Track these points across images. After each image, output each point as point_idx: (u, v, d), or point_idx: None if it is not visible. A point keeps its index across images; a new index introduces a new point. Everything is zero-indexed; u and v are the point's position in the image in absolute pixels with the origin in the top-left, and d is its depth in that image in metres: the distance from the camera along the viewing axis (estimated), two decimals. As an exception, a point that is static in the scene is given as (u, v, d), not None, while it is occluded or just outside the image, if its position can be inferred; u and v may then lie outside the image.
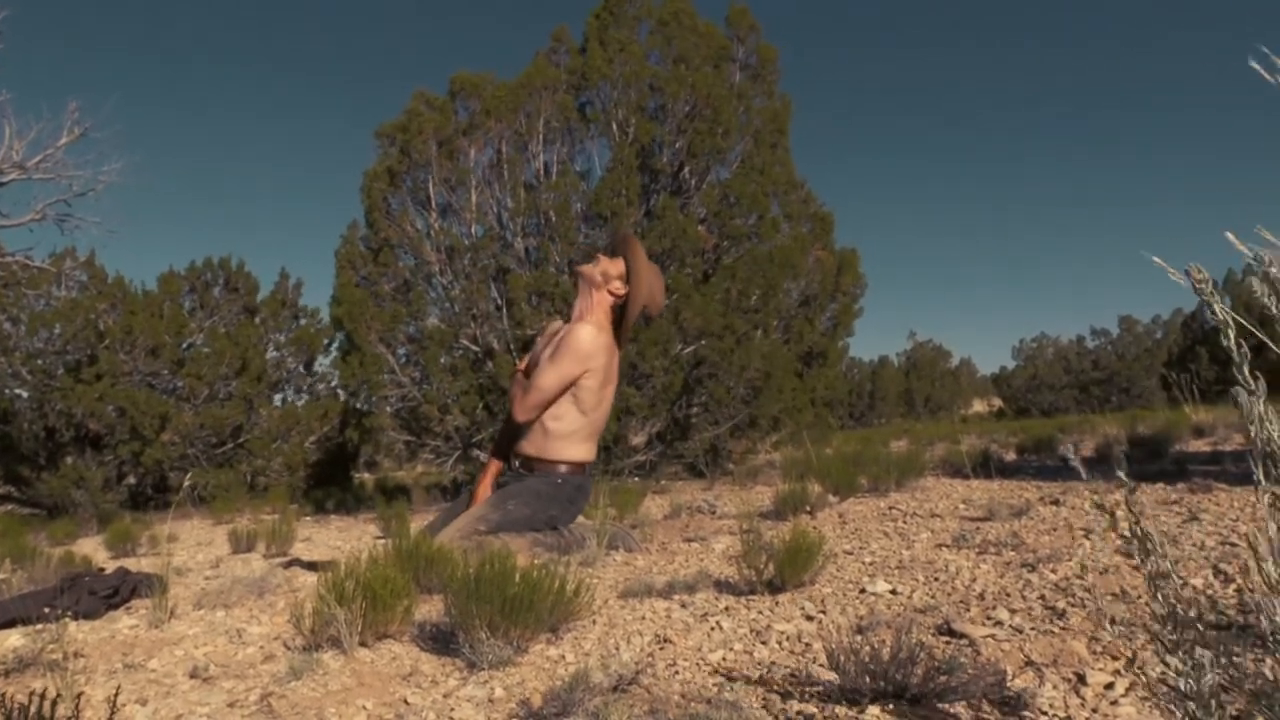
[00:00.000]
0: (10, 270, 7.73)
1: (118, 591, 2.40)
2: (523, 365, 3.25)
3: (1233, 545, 2.05)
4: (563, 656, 1.63)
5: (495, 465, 3.23)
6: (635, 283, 3.10)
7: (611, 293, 3.13)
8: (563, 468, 3.04)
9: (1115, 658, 1.35)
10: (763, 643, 1.62)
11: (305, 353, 10.25)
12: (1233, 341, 0.77)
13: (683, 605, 1.95)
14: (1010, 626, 1.58)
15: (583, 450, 3.09)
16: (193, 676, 1.62)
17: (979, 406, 27.74)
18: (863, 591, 1.98)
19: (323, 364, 10.35)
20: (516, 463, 3.14)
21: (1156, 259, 0.78)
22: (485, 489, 3.14)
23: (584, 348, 3.01)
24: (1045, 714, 1.18)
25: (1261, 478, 0.76)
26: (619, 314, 3.15)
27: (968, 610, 1.72)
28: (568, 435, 3.05)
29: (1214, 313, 0.78)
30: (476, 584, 1.62)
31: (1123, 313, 20.44)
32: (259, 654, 1.77)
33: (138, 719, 1.41)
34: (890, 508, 3.34)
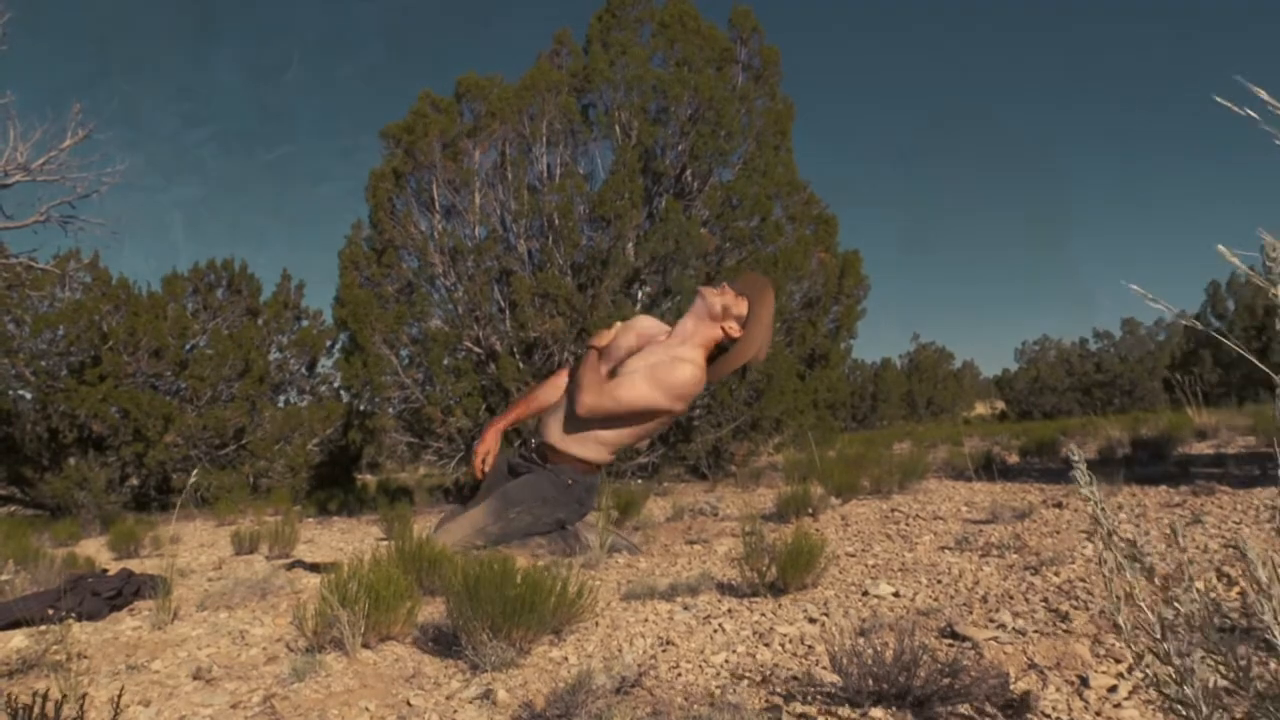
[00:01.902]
0: (14, 272, 7.74)
1: (121, 593, 2.41)
2: (603, 342, 2.97)
3: (1236, 548, 2.05)
4: (565, 658, 1.63)
5: (517, 413, 3.14)
6: (750, 335, 2.93)
7: (725, 330, 2.95)
8: (578, 465, 2.93)
9: (1119, 660, 1.35)
10: (765, 645, 1.62)
11: (308, 354, 10.27)
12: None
13: (685, 607, 1.95)
14: (1013, 629, 1.58)
15: (603, 453, 3.00)
16: (196, 678, 1.63)
17: (981, 409, 27.71)
18: (865, 594, 1.97)
19: (325, 366, 10.38)
20: (533, 441, 3.02)
21: (1135, 287, 0.79)
22: (494, 435, 3.07)
23: (684, 391, 2.87)
24: (1048, 716, 1.17)
25: None
26: (717, 350, 2.97)
27: (970, 613, 1.72)
28: (599, 442, 2.94)
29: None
30: (478, 586, 1.62)
31: (1126, 315, 20.40)
32: (262, 655, 1.78)
33: (141, 720, 1.42)
34: (893, 510, 3.34)
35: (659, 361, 2.88)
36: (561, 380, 3.17)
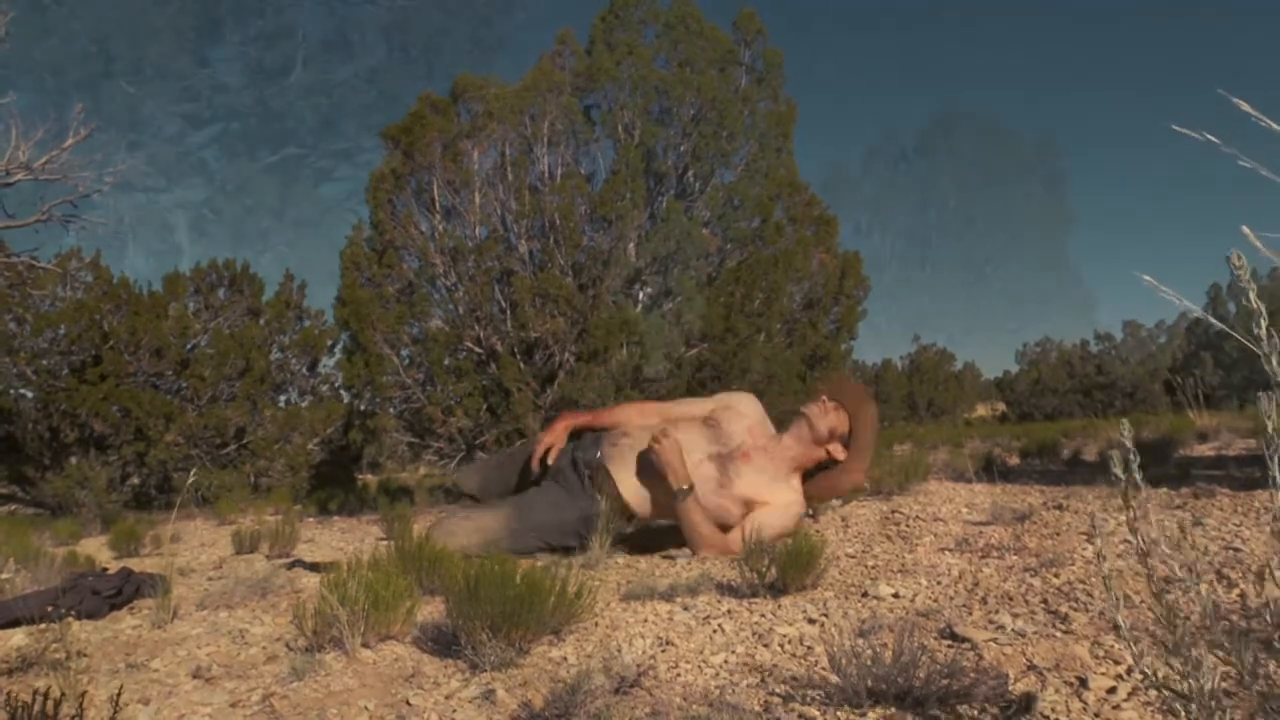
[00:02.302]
0: (16, 270, 7.76)
1: (121, 591, 2.41)
2: (659, 416, 2.84)
3: (1236, 550, 2.05)
4: (565, 658, 1.63)
5: (593, 418, 3.07)
6: (855, 460, 2.86)
7: (829, 453, 2.86)
8: (616, 499, 2.86)
9: (1118, 662, 1.35)
10: (765, 645, 1.62)
11: (309, 354, 10.27)
12: (1264, 330, 0.74)
13: (685, 608, 1.95)
14: (1013, 630, 1.57)
15: (646, 511, 2.96)
16: (195, 677, 1.63)
17: (982, 410, 27.67)
18: (865, 595, 1.97)
19: (326, 365, 10.38)
20: (597, 454, 2.93)
21: (1147, 278, 0.78)
22: (564, 431, 2.98)
23: (794, 525, 2.81)
24: (1047, 718, 1.17)
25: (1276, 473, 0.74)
26: (816, 467, 2.91)
27: (970, 614, 1.72)
28: (655, 510, 2.86)
29: (1248, 299, 0.75)
30: (478, 586, 1.62)
31: (1127, 317, 20.43)
32: (261, 654, 1.78)
33: (140, 719, 1.42)
34: (893, 511, 3.33)
35: (785, 507, 2.81)
36: (650, 410, 3.11)
